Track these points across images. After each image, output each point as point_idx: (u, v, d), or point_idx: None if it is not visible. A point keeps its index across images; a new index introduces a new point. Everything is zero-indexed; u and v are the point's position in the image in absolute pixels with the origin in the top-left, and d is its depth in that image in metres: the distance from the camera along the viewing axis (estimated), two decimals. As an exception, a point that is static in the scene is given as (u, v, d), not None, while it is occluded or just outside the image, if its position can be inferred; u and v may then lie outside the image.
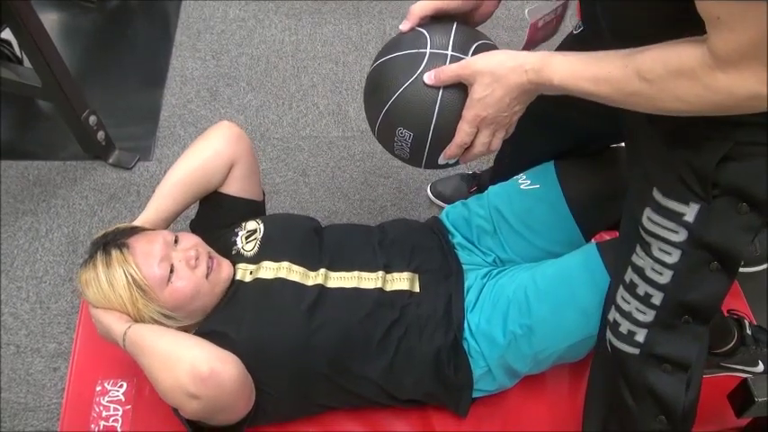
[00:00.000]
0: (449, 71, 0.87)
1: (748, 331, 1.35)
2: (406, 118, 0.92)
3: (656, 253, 0.93)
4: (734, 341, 1.33)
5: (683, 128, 0.85)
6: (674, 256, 0.92)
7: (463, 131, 0.89)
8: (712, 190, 0.86)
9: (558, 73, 0.82)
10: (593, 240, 1.30)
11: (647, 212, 0.93)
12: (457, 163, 0.97)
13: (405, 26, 0.96)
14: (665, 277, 0.93)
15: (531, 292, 1.18)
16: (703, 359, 1.04)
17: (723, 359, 1.34)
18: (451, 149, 0.92)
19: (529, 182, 1.31)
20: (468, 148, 0.92)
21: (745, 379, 1.09)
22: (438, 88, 0.88)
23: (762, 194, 0.86)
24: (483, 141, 0.91)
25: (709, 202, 0.87)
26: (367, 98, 0.99)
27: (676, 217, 0.90)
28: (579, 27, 1.14)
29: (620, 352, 1.01)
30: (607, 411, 1.11)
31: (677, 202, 0.89)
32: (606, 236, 1.41)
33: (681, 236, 0.90)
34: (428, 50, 0.89)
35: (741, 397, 1.11)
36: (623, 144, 1.22)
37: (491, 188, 1.39)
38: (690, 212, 0.88)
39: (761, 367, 1.35)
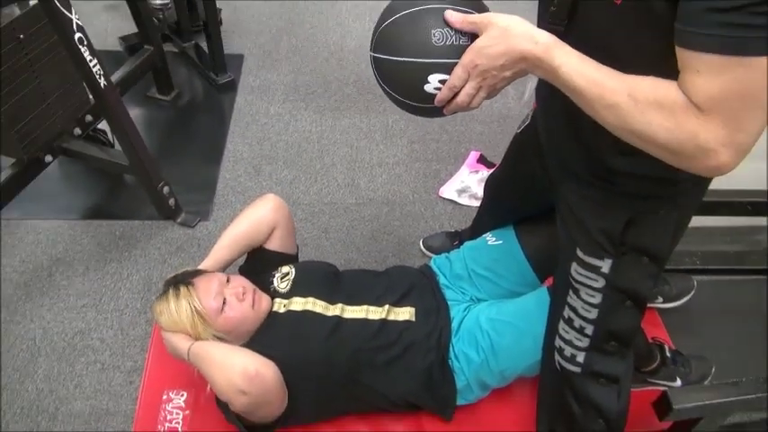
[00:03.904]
0: (470, 18, 0.74)
1: (668, 354, 1.38)
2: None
3: (584, 296, 0.96)
4: (657, 362, 1.36)
5: (598, 203, 0.90)
6: (597, 298, 0.95)
7: (456, 75, 0.75)
8: (621, 247, 0.89)
9: (564, 60, 0.68)
10: (546, 283, 1.31)
11: (574, 266, 0.96)
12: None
13: None
14: (592, 314, 0.97)
15: (497, 324, 1.22)
16: (630, 374, 1.07)
17: (649, 376, 1.37)
18: (443, 92, 0.77)
19: (494, 239, 1.36)
20: (452, 98, 0.78)
21: (665, 391, 1.11)
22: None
23: (658, 250, 0.90)
24: (467, 92, 0.76)
25: (618, 258, 0.90)
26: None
27: (595, 269, 0.93)
28: (524, 123, 1.15)
29: (566, 370, 1.04)
30: (555, 416, 1.13)
31: (595, 258, 0.92)
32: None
33: (600, 283, 0.93)
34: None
35: (662, 405, 1.12)
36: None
37: (466, 244, 1.44)
38: (605, 266, 0.91)
39: (678, 382, 1.37)
